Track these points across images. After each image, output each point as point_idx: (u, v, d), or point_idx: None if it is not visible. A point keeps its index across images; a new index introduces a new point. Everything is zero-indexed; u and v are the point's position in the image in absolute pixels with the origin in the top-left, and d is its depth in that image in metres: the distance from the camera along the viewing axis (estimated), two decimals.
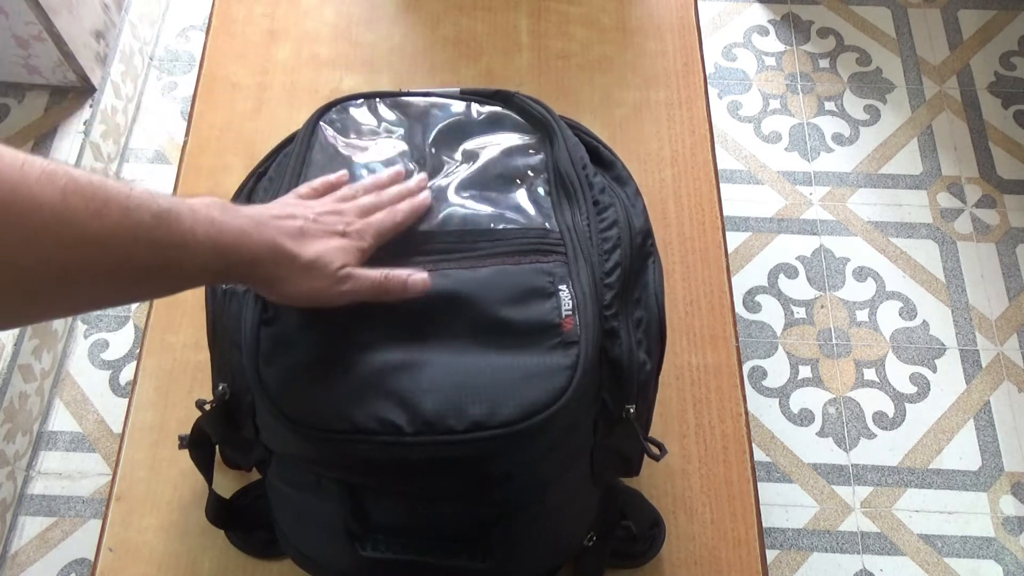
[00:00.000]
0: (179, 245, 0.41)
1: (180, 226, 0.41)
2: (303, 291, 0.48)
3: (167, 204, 0.41)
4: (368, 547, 0.51)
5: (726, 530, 0.64)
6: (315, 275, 0.48)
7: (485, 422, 0.46)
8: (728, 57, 1.64)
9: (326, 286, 0.49)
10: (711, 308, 0.73)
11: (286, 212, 0.50)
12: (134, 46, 1.55)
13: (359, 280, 0.50)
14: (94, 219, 0.37)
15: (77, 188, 0.37)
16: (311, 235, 0.49)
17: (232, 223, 0.44)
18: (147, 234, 0.39)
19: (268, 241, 0.46)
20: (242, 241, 0.45)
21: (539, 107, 0.62)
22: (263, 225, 0.47)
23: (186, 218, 0.42)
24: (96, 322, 1.37)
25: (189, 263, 0.42)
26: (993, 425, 1.31)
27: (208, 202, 0.44)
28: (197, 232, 0.42)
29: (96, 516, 1.22)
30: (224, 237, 0.44)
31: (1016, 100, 1.59)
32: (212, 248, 0.43)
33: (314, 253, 0.48)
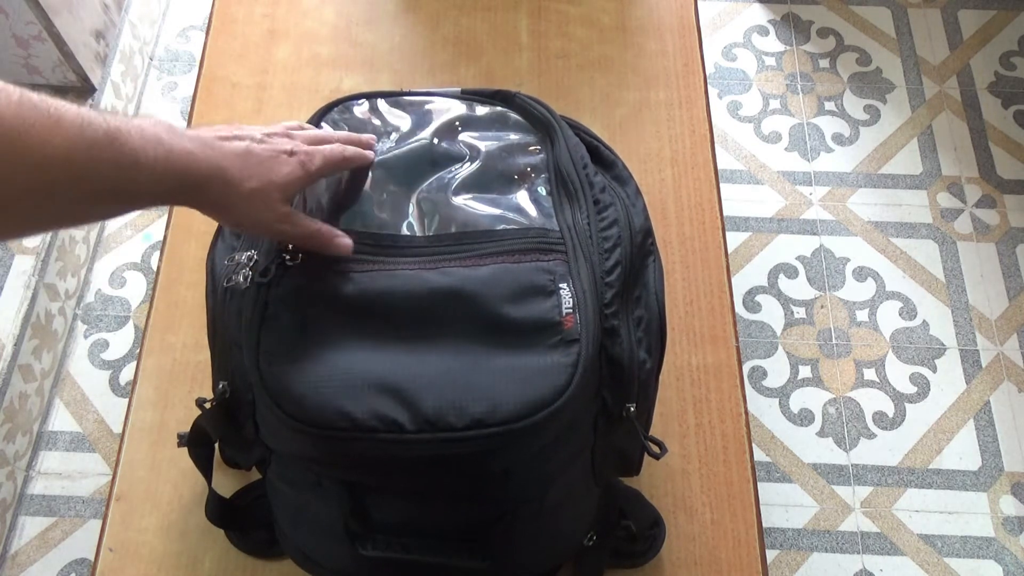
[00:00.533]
0: (132, 164, 0.42)
1: (131, 144, 0.41)
2: (248, 219, 0.49)
3: (116, 123, 0.41)
4: (368, 546, 0.51)
5: (726, 530, 0.64)
6: (258, 206, 0.49)
7: (485, 420, 0.46)
8: (728, 57, 1.64)
9: (269, 220, 0.50)
10: (711, 308, 0.73)
11: (232, 133, 0.50)
12: (134, 46, 1.55)
13: (298, 225, 0.51)
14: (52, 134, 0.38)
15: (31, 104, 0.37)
16: (257, 156, 0.49)
17: (179, 144, 0.44)
18: (101, 152, 0.40)
19: (214, 165, 0.46)
20: (189, 163, 0.45)
21: (540, 107, 0.62)
22: (208, 147, 0.47)
23: (135, 137, 0.42)
24: (96, 322, 1.37)
25: (142, 182, 0.43)
26: (993, 425, 1.31)
27: (154, 122, 0.44)
28: (148, 151, 0.42)
29: (96, 516, 1.22)
30: (173, 158, 0.44)
31: (1016, 100, 1.59)
32: (164, 168, 0.43)
33: (257, 183, 0.48)
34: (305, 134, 0.55)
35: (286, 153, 0.51)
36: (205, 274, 0.58)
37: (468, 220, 0.55)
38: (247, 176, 0.48)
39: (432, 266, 0.53)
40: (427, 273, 0.52)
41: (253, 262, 0.53)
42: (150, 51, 1.61)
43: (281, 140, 0.52)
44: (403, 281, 0.52)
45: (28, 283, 1.27)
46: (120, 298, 1.39)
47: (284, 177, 0.50)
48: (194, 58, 1.61)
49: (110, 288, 1.40)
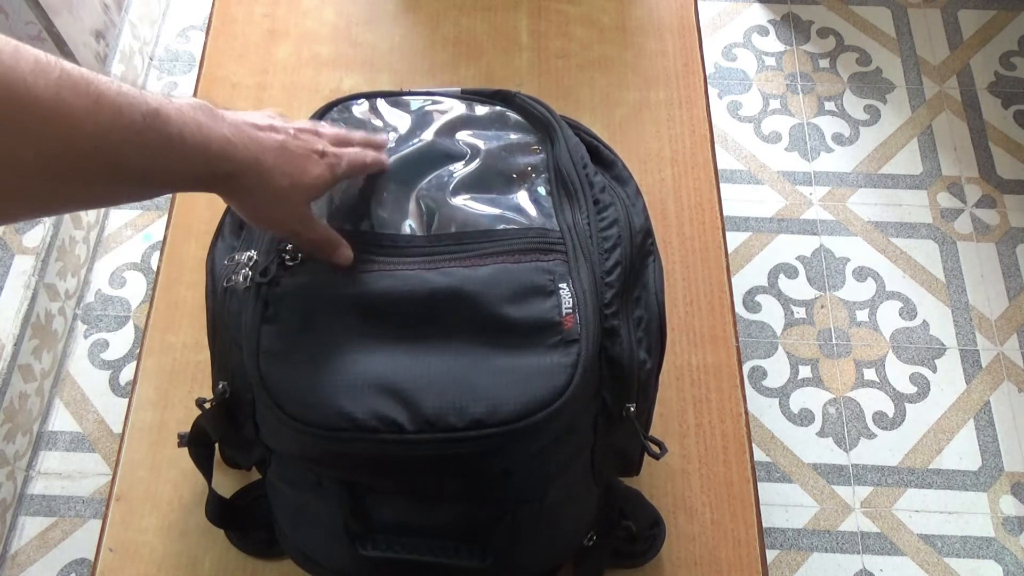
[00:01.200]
0: (167, 148, 0.41)
1: (168, 129, 0.40)
2: (270, 215, 0.49)
3: (155, 103, 0.40)
4: (368, 546, 0.51)
5: (726, 530, 0.64)
6: (284, 203, 0.49)
7: (485, 420, 0.46)
8: (728, 57, 1.64)
9: (290, 219, 0.50)
10: (711, 308, 0.73)
11: (267, 123, 0.49)
12: (134, 46, 1.55)
13: (312, 229, 0.51)
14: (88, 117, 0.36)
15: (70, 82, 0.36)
16: (292, 152, 0.49)
17: (218, 130, 0.44)
18: (137, 136, 0.39)
19: (251, 156, 0.46)
20: (227, 151, 0.44)
21: (540, 107, 0.62)
22: (247, 136, 0.46)
23: (175, 120, 0.41)
24: (96, 322, 1.37)
25: (177, 167, 0.42)
26: (993, 425, 1.31)
27: (194, 103, 0.43)
28: (185, 136, 0.41)
29: (96, 516, 1.22)
30: (211, 144, 0.43)
31: (1016, 100, 1.59)
32: (201, 154, 0.43)
33: (289, 181, 0.48)
34: (331, 133, 0.55)
35: (317, 153, 0.51)
36: (205, 274, 0.58)
37: (468, 220, 0.55)
38: (280, 173, 0.48)
39: (432, 266, 0.53)
40: (427, 273, 0.52)
41: (253, 262, 0.53)
42: (150, 51, 1.61)
43: (312, 138, 0.52)
44: (403, 281, 0.52)
45: (28, 283, 1.27)
46: (120, 298, 1.39)
47: (313, 179, 0.50)
48: (194, 58, 1.61)
49: (110, 288, 1.40)
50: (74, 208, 0.41)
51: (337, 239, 0.52)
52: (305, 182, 0.49)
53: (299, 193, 0.49)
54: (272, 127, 0.49)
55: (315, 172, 0.50)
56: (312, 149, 0.51)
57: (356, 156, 0.54)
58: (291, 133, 0.50)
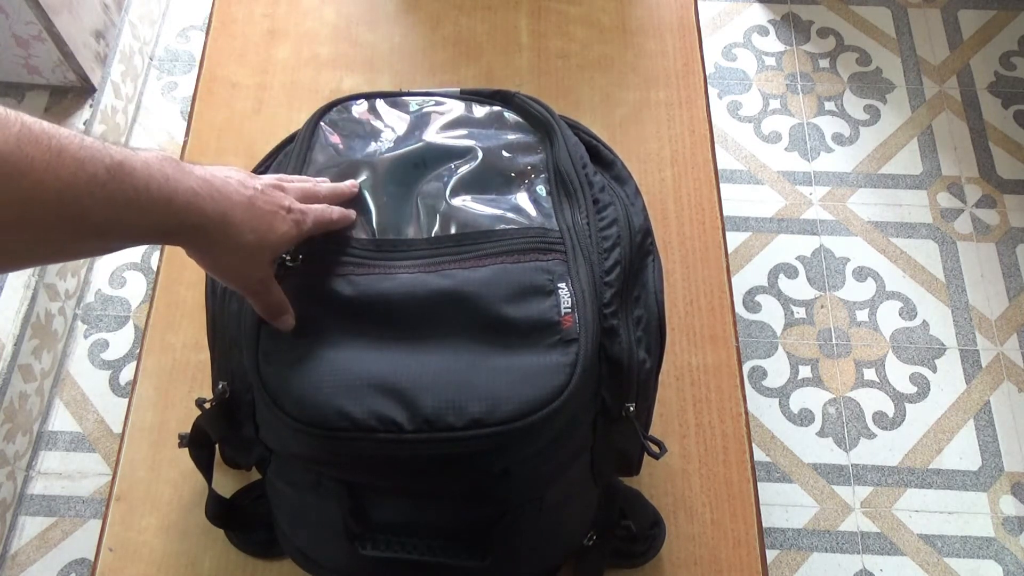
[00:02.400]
0: (132, 201, 0.40)
1: (134, 181, 0.40)
2: (233, 272, 0.48)
3: (120, 156, 0.40)
4: (368, 546, 0.51)
5: (726, 530, 0.64)
6: (248, 261, 0.48)
7: (484, 420, 0.46)
8: (728, 57, 1.64)
9: (253, 277, 0.49)
10: (711, 308, 0.73)
11: (236, 178, 0.48)
12: (134, 46, 1.55)
13: (268, 293, 0.50)
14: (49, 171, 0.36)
15: (31, 136, 0.35)
16: (259, 209, 0.48)
17: (185, 183, 0.43)
18: (101, 189, 0.38)
19: (219, 210, 0.45)
20: (193, 204, 0.43)
21: (539, 107, 0.62)
22: (215, 190, 0.45)
23: (140, 173, 0.40)
24: (96, 322, 1.37)
25: (141, 221, 0.41)
26: (993, 425, 1.31)
27: (160, 156, 0.43)
28: (151, 188, 0.41)
29: (96, 516, 1.22)
30: (177, 197, 0.42)
31: (1016, 100, 1.59)
32: (165, 207, 0.42)
33: (255, 238, 0.47)
34: (296, 188, 0.54)
35: (284, 210, 0.50)
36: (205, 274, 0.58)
37: (468, 220, 0.55)
38: (248, 228, 0.47)
39: (432, 268, 0.53)
40: (427, 276, 0.52)
41: None
42: (150, 51, 1.61)
43: (279, 195, 0.51)
44: (403, 283, 0.52)
45: (28, 283, 1.27)
46: (120, 298, 1.39)
47: (279, 236, 0.49)
48: (194, 58, 1.61)
49: (110, 288, 1.40)
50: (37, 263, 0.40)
51: (287, 306, 0.51)
52: (271, 240, 0.48)
53: (265, 250, 0.48)
54: (240, 182, 0.48)
55: (281, 229, 0.49)
56: (279, 205, 0.50)
57: (322, 213, 0.53)
58: (258, 189, 0.49)
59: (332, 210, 0.54)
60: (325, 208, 0.54)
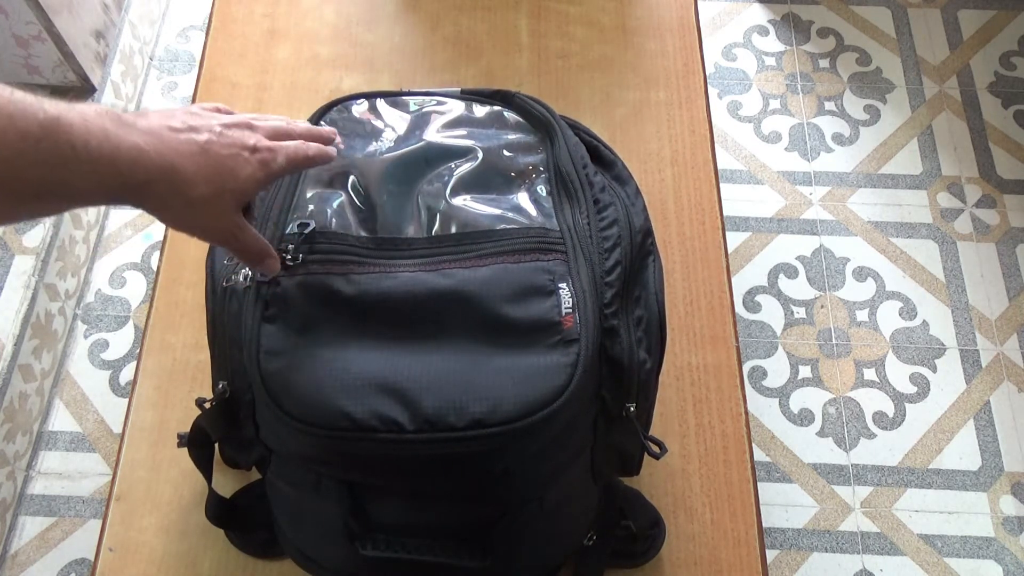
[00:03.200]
0: (70, 159, 0.37)
1: (71, 138, 0.37)
2: (195, 225, 0.46)
3: (55, 111, 0.37)
4: (368, 546, 0.51)
5: (726, 530, 0.64)
6: (208, 212, 0.45)
7: (485, 420, 0.46)
8: (728, 57, 1.64)
9: (217, 228, 0.46)
10: (711, 308, 0.73)
11: (188, 124, 0.45)
12: (134, 46, 1.55)
13: (241, 240, 0.48)
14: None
15: None
16: (215, 155, 0.45)
17: (128, 138, 0.40)
18: (34, 147, 0.36)
19: (164, 165, 0.42)
20: (138, 160, 0.40)
21: (539, 107, 0.62)
22: (160, 141, 0.42)
23: (78, 129, 0.37)
24: (96, 322, 1.37)
25: (81, 180, 0.39)
26: (993, 425, 1.31)
27: (100, 110, 0.40)
28: (91, 145, 0.38)
29: (96, 516, 1.22)
30: (120, 153, 0.39)
31: (1016, 100, 1.59)
32: (108, 164, 0.39)
33: (210, 189, 0.44)
34: (267, 125, 0.50)
35: (248, 150, 0.47)
36: (205, 274, 0.58)
37: (468, 220, 0.55)
38: (202, 178, 0.43)
39: (432, 268, 0.53)
40: (427, 275, 0.52)
41: None
42: (150, 51, 1.61)
43: (242, 133, 0.47)
44: (403, 283, 0.52)
45: (28, 283, 1.27)
46: (120, 298, 1.39)
47: (242, 181, 0.46)
48: (194, 58, 1.61)
49: (110, 288, 1.40)
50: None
51: (268, 249, 0.50)
52: (232, 186, 0.45)
53: (226, 199, 0.45)
54: (192, 127, 0.45)
55: (244, 173, 0.46)
56: (242, 146, 0.46)
57: (296, 149, 0.50)
58: (216, 131, 0.46)
59: (308, 146, 0.51)
60: (300, 144, 0.50)
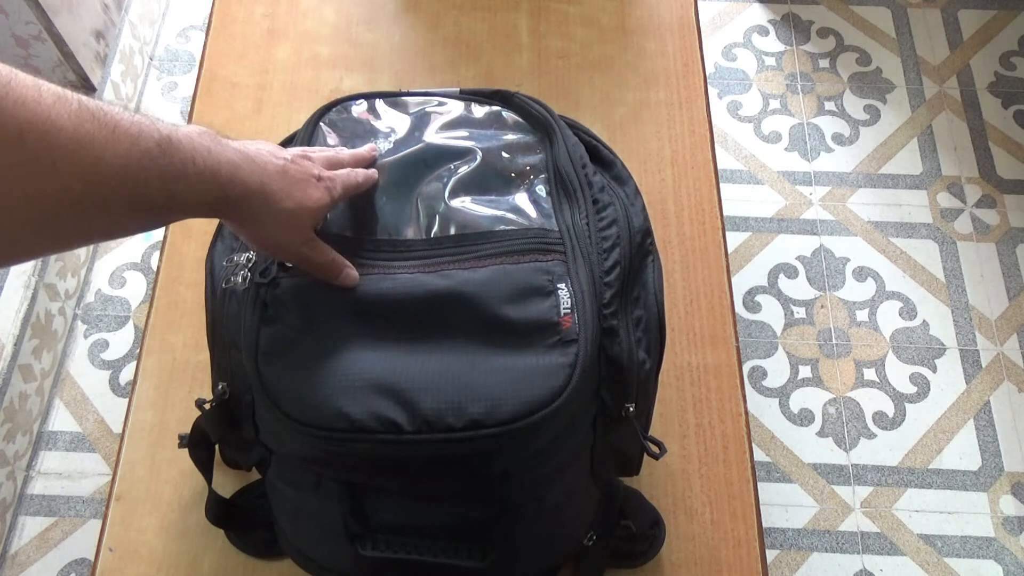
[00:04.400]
0: (182, 174, 0.41)
1: (181, 155, 0.41)
2: (278, 239, 0.50)
3: (166, 131, 0.41)
4: (368, 546, 0.51)
5: (726, 530, 0.64)
6: (291, 227, 0.49)
7: (484, 420, 0.46)
8: (728, 57, 1.64)
9: (297, 242, 0.50)
10: (711, 308, 0.73)
11: (267, 149, 0.50)
12: (134, 46, 1.55)
13: (319, 252, 0.51)
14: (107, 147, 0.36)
15: (88, 113, 0.36)
16: (292, 177, 0.49)
17: (225, 155, 0.44)
18: (154, 163, 0.39)
19: (257, 180, 0.46)
20: (235, 175, 0.45)
21: (539, 107, 0.62)
22: (251, 161, 0.46)
23: (186, 147, 0.41)
24: (96, 322, 1.37)
25: (189, 193, 0.42)
26: (993, 425, 1.31)
27: (200, 131, 0.44)
28: (197, 161, 0.42)
29: (96, 516, 1.22)
30: (220, 168, 0.44)
31: (1016, 100, 1.59)
32: (212, 179, 0.43)
33: (293, 204, 0.49)
34: (322, 157, 0.55)
35: (314, 178, 0.51)
36: (204, 274, 0.58)
37: (467, 221, 0.55)
38: (285, 196, 0.48)
39: (431, 269, 0.53)
40: (426, 276, 0.52)
41: (251, 263, 0.53)
42: (150, 51, 1.61)
43: (306, 163, 0.52)
44: (402, 284, 0.52)
45: (28, 283, 1.27)
46: (120, 298, 1.39)
47: (315, 202, 0.50)
48: (194, 58, 1.61)
49: (110, 288, 1.40)
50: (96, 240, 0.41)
51: (342, 261, 0.53)
52: (308, 205, 0.50)
53: (304, 216, 0.50)
54: (271, 152, 0.50)
55: (315, 195, 0.51)
56: (309, 174, 0.51)
57: (349, 177, 0.55)
58: (288, 159, 0.50)
59: (357, 173, 0.56)
60: (350, 172, 0.56)
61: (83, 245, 0.41)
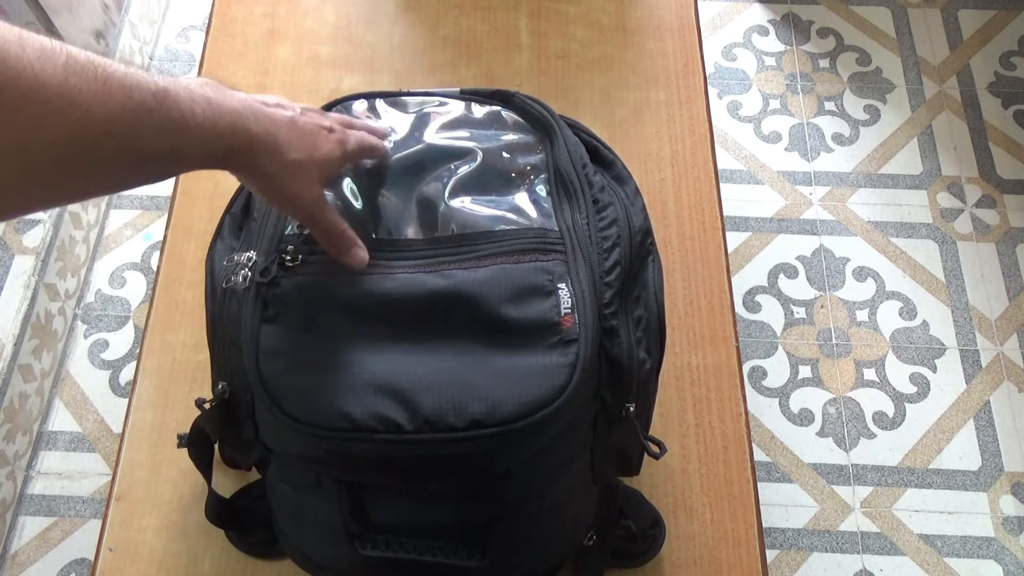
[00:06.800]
0: (180, 126, 0.40)
1: (179, 106, 0.40)
2: (287, 192, 0.48)
3: (164, 83, 0.39)
4: (368, 546, 0.51)
5: (726, 530, 0.64)
6: (299, 179, 0.48)
7: (484, 420, 0.46)
8: (728, 57, 1.64)
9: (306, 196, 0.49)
10: (711, 308, 0.73)
11: (275, 101, 0.49)
12: (134, 46, 1.55)
13: (326, 215, 0.50)
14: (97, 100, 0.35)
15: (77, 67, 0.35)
16: (302, 127, 0.49)
17: (228, 104, 0.43)
18: (149, 116, 0.38)
19: (263, 128, 0.45)
20: (238, 124, 0.44)
21: (539, 107, 0.62)
22: (256, 111, 0.45)
23: (184, 98, 0.40)
24: (96, 322, 1.37)
25: (190, 145, 0.41)
26: (993, 425, 1.31)
27: (201, 82, 0.43)
28: (196, 112, 0.41)
29: (96, 516, 1.22)
30: (222, 119, 0.42)
31: (1016, 100, 1.59)
32: (212, 129, 0.42)
33: (301, 155, 0.48)
34: (336, 115, 0.55)
35: (326, 129, 0.51)
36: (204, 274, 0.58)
37: (467, 221, 0.55)
38: (293, 146, 0.47)
39: (431, 269, 0.53)
40: (426, 276, 0.52)
41: (252, 263, 0.53)
42: (150, 51, 1.61)
43: (319, 116, 0.52)
44: (402, 283, 0.52)
45: (28, 283, 1.27)
46: (120, 298, 1.39)
47: (325, 154, 0.50)
48: (194, 58, 1.61)
49: (110, 288, 1.40)
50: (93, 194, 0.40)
51: (353, 237, 0.52)
52: (317, 157, 0.49)
53: (313, 168, 0.49)
54: (280, 104, 0.49)
55: (326, 148, 0.50)
56: (320, 125, 0.51)
57: (363, 137, 0.55)
58: (298, 111, 0.50)
59: (372, 138, 0.56)
60: (365, 134, 0.55)
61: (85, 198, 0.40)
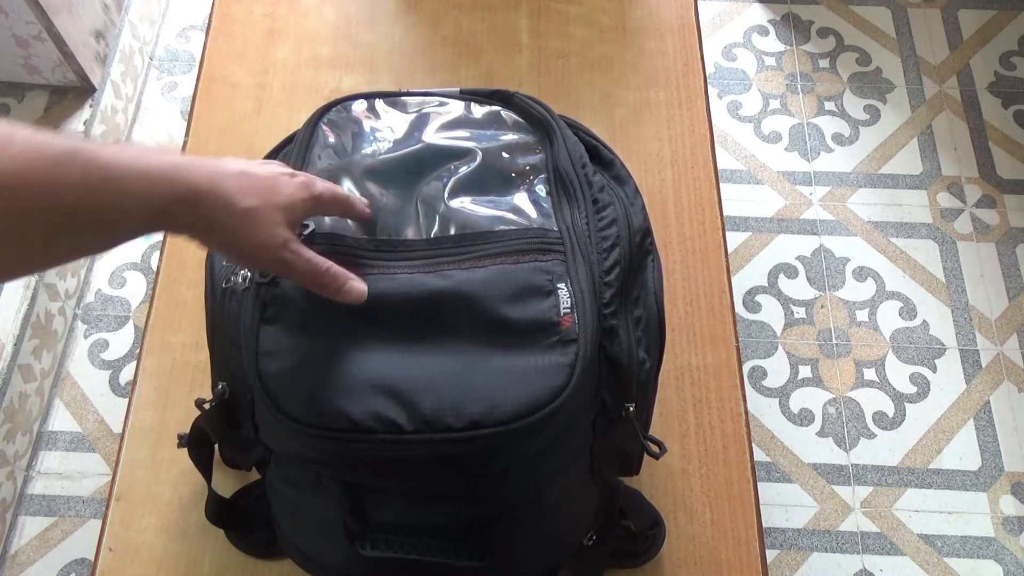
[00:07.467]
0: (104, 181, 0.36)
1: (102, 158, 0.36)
2: (246, 244, 0.44)
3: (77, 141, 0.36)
4: (368, 546, 0.51)
5: (726, 530, 0.64)
6: (258, 227, 0.44)
7: (484, 420, 0.46)
8: (728, 57, 1.64)
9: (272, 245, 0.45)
10: (711, 308, 0.73)
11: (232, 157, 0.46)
12: (134, 46, 1.55)
13: (299, 256, 0.46)
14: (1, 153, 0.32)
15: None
16: (255, 175, 0.45)
17: (165, 158, 0.40)
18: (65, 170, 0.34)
19: (205, 177, 0.41)
20: (176, 174, 0.40)
21: (539, 107, 0.62)
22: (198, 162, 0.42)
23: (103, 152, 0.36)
24: (96, 322, 1.37)
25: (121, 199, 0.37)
26: (993, 425, 1.31)
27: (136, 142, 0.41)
28: (123, 162, 0.37)
29: (96, 516, 1.22)
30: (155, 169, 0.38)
31: (1016, 100, 1.59)
32: (143, 179, 0.38)
33: (259, 201, 0.44)
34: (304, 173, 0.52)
35: (287, 174, 0.48)
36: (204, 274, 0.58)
37: (467, 222, 0.55)
38: (246, 192, 0.43)
39: (431, 269, 0.53)
40: (425, 276, 0.52)
41: None
42: (150, 51, 1.61)
43: (276, 164, 0.49)
44: (402, 284, 0.52)
45: (28, 283, 1.27)
46: (120, 298, 1.39)
47: (287, 197, 0.46)
48: (194, 58, 1.61)
49: (110, 288, 1.40)
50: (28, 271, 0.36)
51: (341, 272, 0.49)
52: (277, 201, 0.45)
53: (273, 213, 0.45)
54: (235, 158, 0.46)
55: (287, 191, 0.46)
56: (280, 172, 0.48)
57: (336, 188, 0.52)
58: (253, 162, 0.47)
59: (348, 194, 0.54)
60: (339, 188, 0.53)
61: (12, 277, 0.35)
